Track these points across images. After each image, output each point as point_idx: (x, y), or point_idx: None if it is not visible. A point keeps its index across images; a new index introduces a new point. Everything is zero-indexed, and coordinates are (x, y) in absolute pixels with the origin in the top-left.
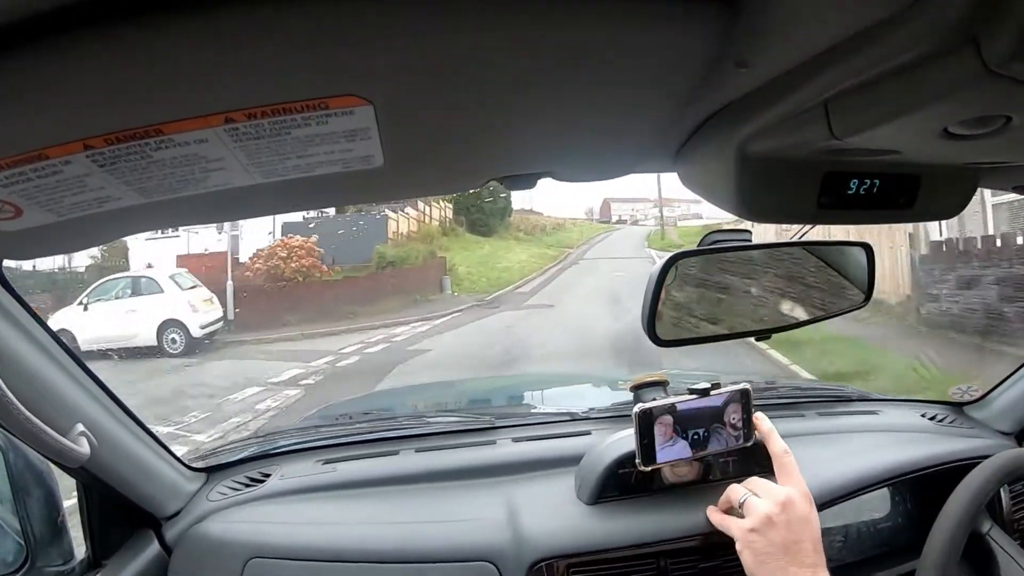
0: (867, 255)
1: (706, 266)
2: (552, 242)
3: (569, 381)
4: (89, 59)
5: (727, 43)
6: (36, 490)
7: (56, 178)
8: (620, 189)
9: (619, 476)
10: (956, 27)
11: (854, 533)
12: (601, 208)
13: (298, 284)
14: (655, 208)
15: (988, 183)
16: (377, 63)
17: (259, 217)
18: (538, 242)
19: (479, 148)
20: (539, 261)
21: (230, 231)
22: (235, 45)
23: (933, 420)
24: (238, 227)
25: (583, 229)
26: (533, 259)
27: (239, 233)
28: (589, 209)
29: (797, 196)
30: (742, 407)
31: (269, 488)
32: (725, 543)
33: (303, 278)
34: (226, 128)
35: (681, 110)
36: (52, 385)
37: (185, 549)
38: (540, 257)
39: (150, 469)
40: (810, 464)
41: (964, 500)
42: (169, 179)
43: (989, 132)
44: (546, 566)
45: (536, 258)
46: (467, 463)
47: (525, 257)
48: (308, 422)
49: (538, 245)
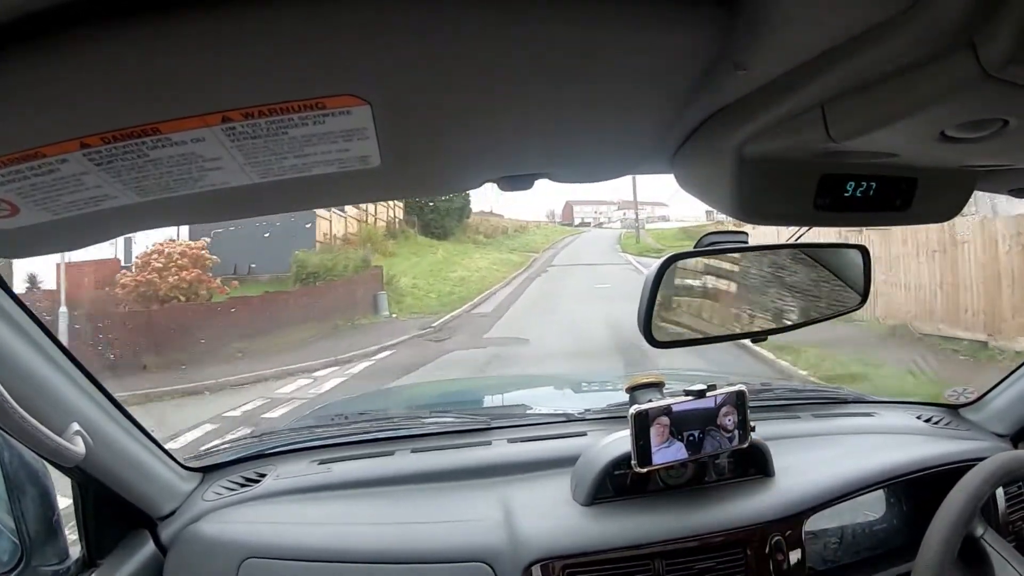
0: (863, 257)
1: (703, 267)
2: (515, 246)
3: (565, 382)
4: (86, 58)
5: (725, 45)
6: (31, 489)
7: (53, 176)
8: (582, 191)
9: (615, 477)
10: (953, 31)
11: (850, 535)
12: (563, 210)
13: (176, 307)
14: (619, 211)
15: (985, 186)
16: (374, 63)
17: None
18: (500, 246)
19: (476, 149)
20: (502, 269)
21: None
22: (232, 44)
23: (929, 422)
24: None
25: (547, 232)
26: (495, 266)
27: (132, 235)
28: (550, 211)
29: (794, 198)
30: (737, 409)
31: (264, 488)
32: (720, 544)
33: (185, 297)
34: (223, 127)
35: (679, 112)
36: (48, 384)
37: (180, 549)
38: (503, 264)
39: (146, 468)
40: (806, 466)
41: (960, 502)
42: (166, 178)
43: (986, 135)
44: (541, 567)
45: (498, 265)
46: (463, 464)
47: (485, 264)
48: (303, 422)
49: (500, 249)
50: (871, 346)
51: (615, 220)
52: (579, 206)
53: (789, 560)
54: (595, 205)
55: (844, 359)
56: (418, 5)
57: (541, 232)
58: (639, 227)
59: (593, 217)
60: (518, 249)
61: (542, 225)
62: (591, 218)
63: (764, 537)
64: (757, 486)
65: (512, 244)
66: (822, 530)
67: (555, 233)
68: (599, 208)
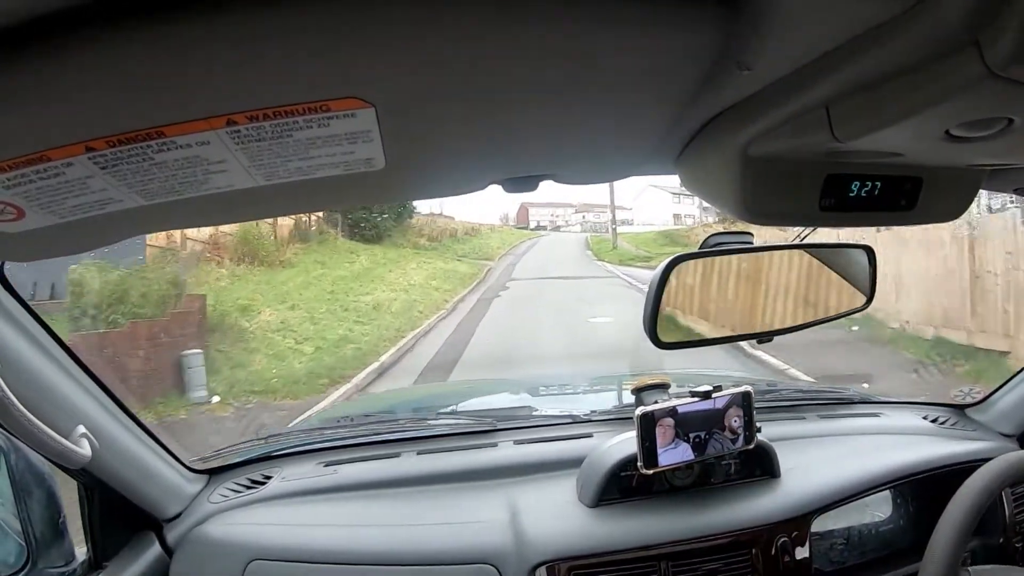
0: (869, 257)
1: (707, 268)
2: (466, 251)
3: (571, 383)
4: (91, 61)
5: (729, 45)
6: (37, 491)
7: (58, 180)
8: (538, 193)
9: (621, 478)
10: (958, 30)
11: (856, 535)
12: (518, 213)
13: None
14: (577, 214)
15: (990, 185)
16: (379, 66)
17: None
18: (446, 252)
19: (480, 150)
20: (444, 285)
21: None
22: (237, 47)
23: (935, 422)
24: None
25: (503, 235)
26: (434, 281)
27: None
28: (504, 215)
29: (799, 198)
30: (744, 410)
31: (270, 490)
32: (726, 545)
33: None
34: (228, 130)
35: (683, 112)
36: (54, 386)
37: (186, 551)
38: (447, 277)
39: (151, 471)
40: (812, 467)
41: (966, 502)
42: (171, 181)
43: (991, 134)
44: (547, 569)
45: (440, 279)
46: (468, 465)
47: (421, 278)
48: (309, 424)
49: (445, 256)
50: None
51: (574, 224)
52: (535, 208)
53: (796, 560)
54: (552, 208)
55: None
56: (422, 8)
57: (496, 235)
58: (614, 230)
59: (549, 221)
60: (468, 256)
61: (496, 228)
62: (547, 221)
63: (771, 538)
64: (763, 487)
65: (461, 249)
66: (828, 531)
67: (511, 236)
68: (556, 211)
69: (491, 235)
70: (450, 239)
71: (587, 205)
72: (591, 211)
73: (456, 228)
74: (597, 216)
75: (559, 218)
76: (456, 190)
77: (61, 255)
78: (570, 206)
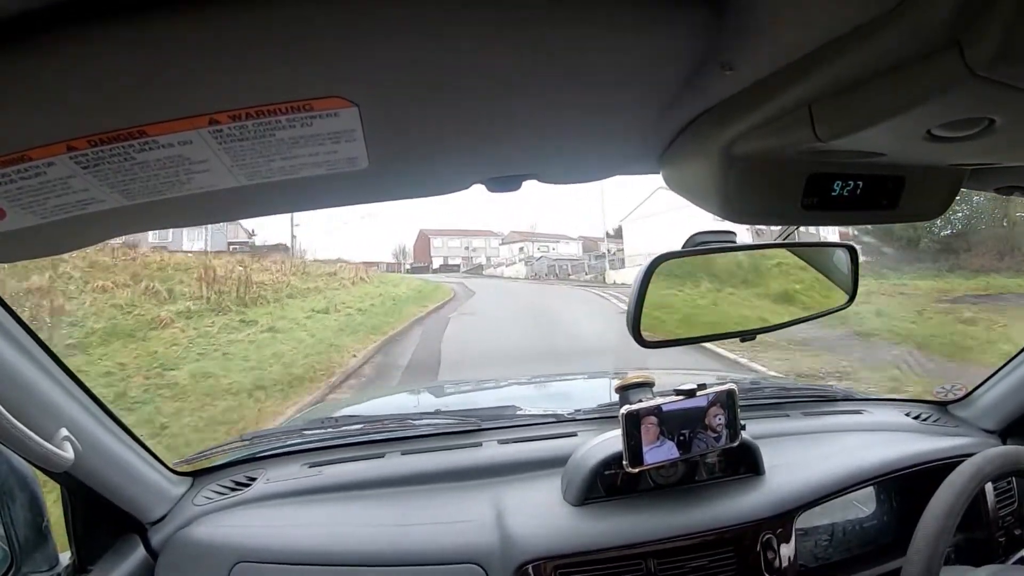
0: (851, 256)
1: (690, 267)
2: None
3: (555, 382)
4: (71, 60)
5: (712, 45)
6: (20, 495)
7: (39, 180)
8: (441, 217)
9: (605, 477)
10: (939, 30)
11: (840, 531)
12: (415, 244)
13: None
14: (507, 245)
15: (971, 184)
16: (362, 65)
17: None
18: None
19: (464, 150)
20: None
21: None
22: (219, 47)
23: (917, 419)
24: None
25: (381, 288)
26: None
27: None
28: (400, 247)
29: (781, 198)
30: (728, 408)
31: (255, 492)
32: (711, 542)
33: None
34: (210, 130)
35: (666, 112)
36: (35, 389)
37: (171, 554)
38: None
39: (135, 473)
40: (796, 464)
41: (949, 498)
42: (153, 181)
43: (973, 134)
44: (533, 568)
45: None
46: (453, 465)
47: None
48: (293, 425)
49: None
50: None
51: (504, 259)
52: (439, 238)
53: (780, 557)
54: (465, 237)
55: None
56: (405, 8)
57: (360, 292)
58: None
59: (463, 256)
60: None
61: (374, 274)
62: (459, 257)
63: (755, 534)
64: (748, 484)
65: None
66: (813, 527)
67: (395, 287)
68: (472, 242)
69: (350, 291)
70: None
71: (523, 234)
72: (533, 240)
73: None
74: (544, 248)
75: (478, 252)
76: (440, 189)
77: (43, 256)
78: (493, 234)
